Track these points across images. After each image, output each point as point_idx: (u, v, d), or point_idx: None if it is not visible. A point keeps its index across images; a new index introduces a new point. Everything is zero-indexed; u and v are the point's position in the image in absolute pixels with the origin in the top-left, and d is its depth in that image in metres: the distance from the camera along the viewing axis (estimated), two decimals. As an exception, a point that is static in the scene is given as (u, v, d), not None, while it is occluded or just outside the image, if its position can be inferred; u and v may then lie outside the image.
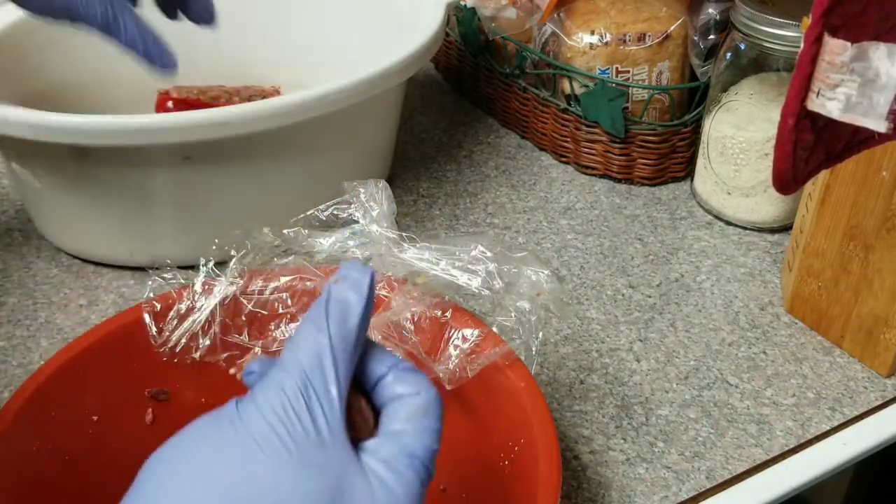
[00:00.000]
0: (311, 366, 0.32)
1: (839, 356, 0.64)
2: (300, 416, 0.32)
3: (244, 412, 0.32)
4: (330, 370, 0.33)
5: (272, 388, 0.32)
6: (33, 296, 0.67)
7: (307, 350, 0.33)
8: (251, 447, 0.31)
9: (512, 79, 0.86)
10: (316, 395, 0.32)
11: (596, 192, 0.82)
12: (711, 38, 0.79)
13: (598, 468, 0.55)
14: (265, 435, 0.31)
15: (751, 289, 0.70)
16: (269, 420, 0.31)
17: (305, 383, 0.32)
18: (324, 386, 0.32)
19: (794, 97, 0.32)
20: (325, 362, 0.33)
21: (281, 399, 0.32)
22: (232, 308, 0.52)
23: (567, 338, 0.65)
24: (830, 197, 0.61)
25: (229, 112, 0.62)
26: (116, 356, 0.50)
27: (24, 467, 0.45)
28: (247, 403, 0.32)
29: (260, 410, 0.32)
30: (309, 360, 0.33)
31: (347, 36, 0.85)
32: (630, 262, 0.73)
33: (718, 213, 0.78)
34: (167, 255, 0.59)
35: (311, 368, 0.32)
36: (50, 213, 0.70)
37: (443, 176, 0.83)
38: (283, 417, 0.31)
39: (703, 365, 0.63)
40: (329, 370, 0.33)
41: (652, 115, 0.80)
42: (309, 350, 0.33)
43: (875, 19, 0.32)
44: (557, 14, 0.80)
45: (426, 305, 0.50)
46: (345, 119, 0.68)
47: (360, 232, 0.52)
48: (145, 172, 0.64)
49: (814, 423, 0.59)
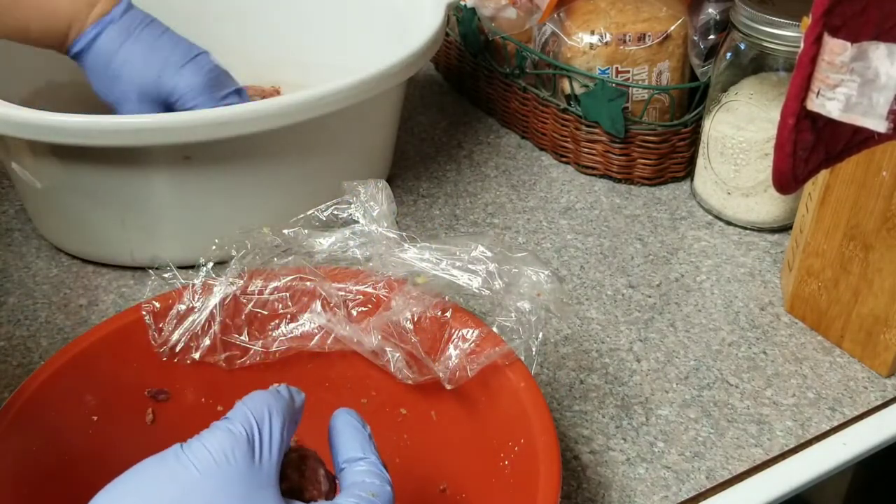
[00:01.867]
0: (261, 416, 0.38)
1: (839, 356, 0.64)
2: (243, 455, 0.36)
3: (189, 446, 0.36)
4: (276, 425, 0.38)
5: (219, 430, 0.37)
6: (33, 296, 0.67)
7: (258, 405, 0.38)
8: (193, 475, 0.35)
9: (512, 79, 0.86)
10: (260, 441, 0.37)
11: (596, 192, 0.82)
12: (711, 38, 0.79)
13: (598, 468, 0.55)
14: (209, 465, 0.35)
15: (751, 289, 0.70)
16: (213, 453, 0.36)
17: (251, 427, 0.37)
18: (269, 435, 0.38)
19: (794, 97, 0.32)
20: (273, 418, 0.38)
21: (227, 437, 0.36)
22: (232, 308, 0.52)
23: (567, 338, 0.65)
24: (830, 197, 0.61)
25: (229, 112, 0.62)
26: (116, 356, 0.50)
27: (24, 467, 0.45)
28: (192, 441, 0.37)
29: (204, 444, 0.36)
30: (258, 412, 0.38)
31: (347, 36, 0.85)
32: (630, 262, 0.73)
33: (718, 213, 0.78)
34: (167, 255, 0.59)
35: (261, 418, 0.38)
36: (50, 213, 0.70)
37: (443, 176, 0.83)
38: (228, 453, 0.36)
39: (703, 365, 0.63)
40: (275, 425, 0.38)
41: (652, 115, 0.80)
42: (259, 405, 0.38)
43: (875, 19, 0.32)
44: (557, 14, 0.80)
45: (426, 305, 0.50)
46: (345, 119, 0.68)
47: (360, 232, 0.52)
48: (145, 172, 0.64)
49: (814, 423, 0.59)
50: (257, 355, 0.52)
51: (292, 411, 0.40)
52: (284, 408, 0.39)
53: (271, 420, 0.38)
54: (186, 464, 0.35)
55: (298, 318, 0.52)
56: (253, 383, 0.52)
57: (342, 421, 0.42)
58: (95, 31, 0.64)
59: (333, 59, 0.83)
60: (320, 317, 0.52)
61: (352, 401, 0.53)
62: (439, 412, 0.51)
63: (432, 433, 0.52)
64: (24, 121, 0.60)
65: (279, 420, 0.38)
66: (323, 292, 0.52)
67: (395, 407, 0.53)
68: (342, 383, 0.53)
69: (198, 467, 0.35)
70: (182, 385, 0.52)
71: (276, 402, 0.39)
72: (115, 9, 0.65)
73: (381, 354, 0.49)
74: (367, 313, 0.52)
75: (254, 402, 0.39)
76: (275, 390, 0.40)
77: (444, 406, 0.51)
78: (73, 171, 0.64)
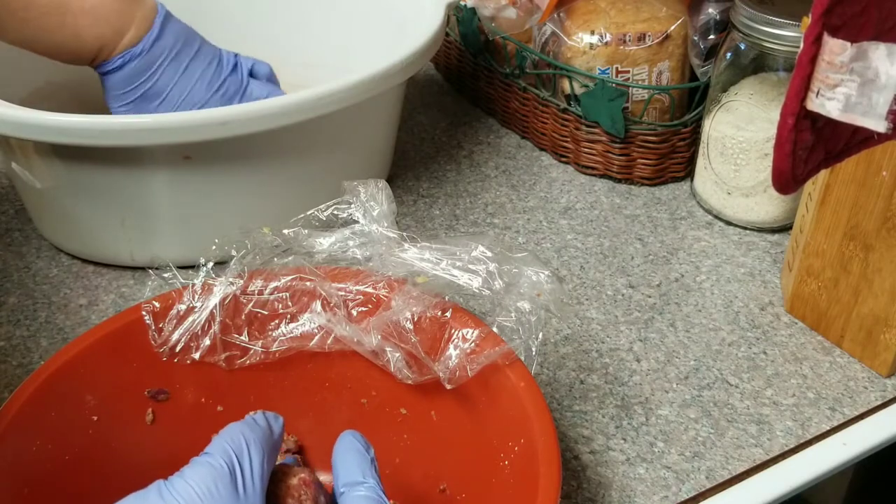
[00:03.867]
0: (239, 448, 0.38)
1: (839, 356, 0.64)
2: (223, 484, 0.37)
3: (171, 484, 0.37)
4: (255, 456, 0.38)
5: (199, 464, 0.37)
6: (33, 296, 0.67)
7: (235, 437, 0.39)
8: None
9: (512, 79, 0.86)
10: (240, 469, 0.37)
11: (596, 192, 0.82)
12: (711, 38, 0.79)
13: (598, 468, 0.55)
14: (189, 497, 0.36)
15: (751, 289, 0.70)
16: (194, 487, 0.36)
17: (231, 459, 0.38)
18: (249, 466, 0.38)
19: (793, 97, 0.32)
20: (252, 449, 0.39)
21: (208, 471, 0.37)
22: (232, 308, 0.52)
23: (567, 338, 0.65)
24: (830, 197, 0.61)
25: (229, 112, 0.62)
26: (116, 356, 0.50)
27: (24, 467, 0.45)
28: (174, 477, 0.37)
29: (186, 480, 0.36)
30: (235, 444, 0.38)
31: (347, 36, 0.85)
32: (630, 262, 0.73)
33: (718, 213, 0.78)
34: (167, 255, 0.59)
35: (239, 450, 0.38)
36: (50, 213, 0.70)
37: (443, 176, 0.83)
38: (211, 488, 0.36)
39: (703, 365, 0.63)
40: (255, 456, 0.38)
41: (652, 115, 0.80)
42: (237, 437, 0.39)
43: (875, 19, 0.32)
44: (557, 14, 0.80)
45: (426, 305, 0.50)
46: (345, 119, 0.68)
47: (360, 232, 0.52)
48: (145, 172, 0.64)
49: (814, 423, 0.59)
50: (257, 355, 0.52)
51: (271, 440, 0.40)
52: (262, 437, 0.40)
53: (250, 450, 0.38)
54: (170, 500, 0.36)
55: (298, 318, 0.52)
56: (253, 383, 0.53)
57: (346, 444, 0.43)
58: (121, 62, 0.65)
59: (333, 59, 0.83)
60: (320, 317, 0.52)
61: (352, 401, 0.53)
62: (439, 412, 0.51)
63: (432, 433, 0.52)
64: (24, 121, 0.60)
65: (258, 450, 0.39)
66: (323, 292, 0.52)
67: (395, 407, 0.53)
68: (342, 383, 0.53)
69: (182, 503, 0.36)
70: (182, 385, 0.52)
71: (252, 433, 0.39)
72: (144, 39, 0.65)
73: (381, 354, 0.49)
74: (367, 313, 0.52)
75: (230, 434, 0.39)
76: (251, 420, 0.41)
77: (444, 406, 0.51)
78: (73, 171, 0.64)
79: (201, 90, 0.67)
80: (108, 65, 0.65)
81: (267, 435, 0.40)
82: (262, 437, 0.40)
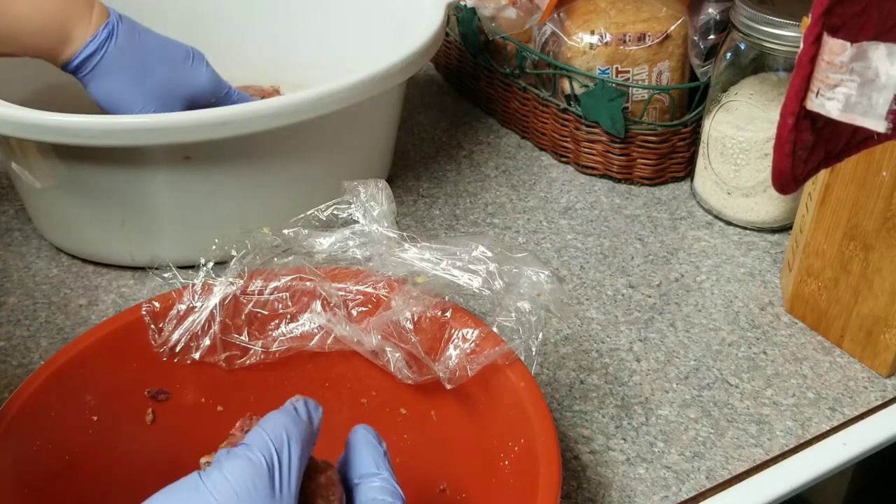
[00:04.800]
0: (280, 443, 0.37)
1: (839, 356, 0.64)
2: (263, 484, 0.36)
3: (209, 476, 0.36)
4: (294, 450, 0.38)
5: (239, 458, 0.36)
6: (33, 296, 0.67)
7: (277, 431, 0.38)
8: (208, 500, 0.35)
9: (512, 79, 0.86)
10: (279, 468, 0.37)
11: (596, 192, 0.82)
12: (711, 38, 0.79)
13: (598, 468, 0.55)
14: (226, 494, 0.35)
15: (751, 289, 0.70)
16: (233, 484, 0.35)
17: (271, 455, 0.37)
18: (287, 461, 0.37)
19: (793, 97, 0.32)
20: (291, 442, 0.38)
21: (247, 466, 0.36)
22: (232, 308, 0.52)
23: (567, 338, 0.65)
24: (830, 197, 0.61)
25: (229, 112, 0.62)
26: (116, 356, 0.50)
27: (24, 467, 0.45)
28: (212, 471, 0.36)
29: (225, 476, 0.36)
30: (277, 439, 0.37)
31: (347, 36, 0.85)
32: (630, 262, 0.73)
33: (718, 213, 0.78)
34: (167, 255, 0.59)
35: (280, 445, 0.37)
36: (50, 213, 0.70)
37: (443, 176, 0.83)
38: (248, 483, 0.36)
39: (703, 365, 0.63)
40: (294, 450, 0.38)
41: (652, 115, 0.80)
42: (279, 431, 0.38)
43: (875, 19, 0.32)
44: (557, 14, 0.80)
45: (426, 305, 0.50)
46: (345, 119, 0.68)
47: (360, 232, 0.52)
48: (145, 172, 0.64)
49: (814, 423, 0.59)
50: (257, 355, 0.52)
51: (310, 433, 0.39)
52: (303, 430, 0.39)
53: (290, 446, 0.38)
54: (205, 494, 0.35)
55: (298, 318, 0.52)
56: (253, 383, 0.53)
57: (360, 437, 0.42)
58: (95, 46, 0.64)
59: (333, 59, 0.83)
60: (320, 317, 0.52)
61: (352, 401, 0.53)
62: (439, 412, 0.51)
63: (432, 433, 0.52)
64: (24, 121, 0.60)
65: (298, 445, 0.38)
66: (323, 292, 0.52)
67: (395, 407, 0.53)
68: (342, 383, 0.53)
69: (217, 498, 0.35)
70: (182, 385, 0.52)
71: (294, 426, 0.38)
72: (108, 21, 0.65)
73: (381, 354, 0.49)
74: (367, 313, 0.52)
75: (272, 426, 0.38)
76: (292, 410, 0.40)
77: (444, 406, 0.51)
78: (73, 171, 0.64)
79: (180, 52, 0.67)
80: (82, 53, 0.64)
81: (307, 428, 0.39)
82: (302, 431, 0.39)
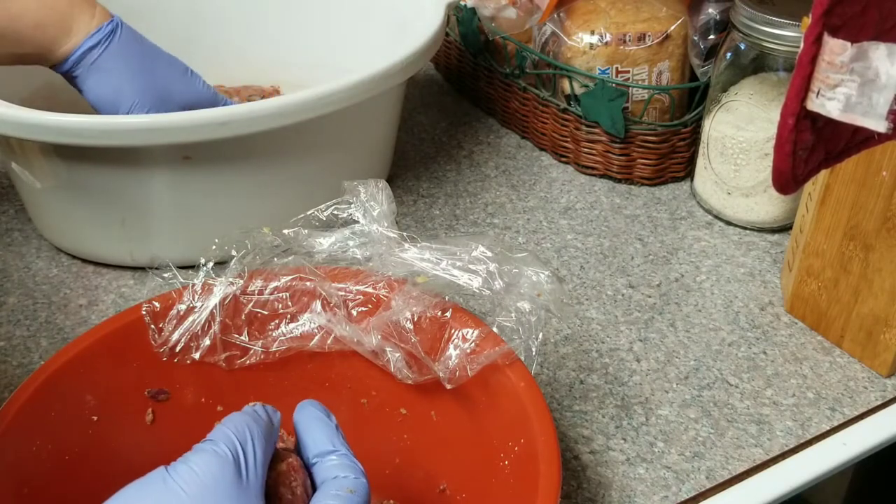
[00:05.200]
0: (243, 438, 0.38)
1: (839, 356, 0.64)
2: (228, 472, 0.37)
3: (175, 470, 0.36)
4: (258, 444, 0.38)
5: (204, 451, 0.37)
6: (33, 296, 0.67)
7: (239, 426, 0.39)
8: (178, 493, 0.35)
9: (512, 79, 0.86)
10: (244, 457, 0.38)
11: (596, 192, 0.82)
12: (711, 38, 0.79)
13: (598, 468, 0.55)
14: (194, 484, 0.35)
15: (751, 289, 0.70)
16: (199, 474, 0.36)
17: (236, 448, 0.38)
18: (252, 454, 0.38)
19: (793, 97, 0.32)
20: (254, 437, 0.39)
21: (213, 458, 0.37)
22: (232, 308, 0.52)
23: (567, 338, 0.65)
24: (830, 197, 0.61)
25: (229, 112, 0.62)
26: (116, 356, 0.50)
27: (24, 467, 0.45)
28: (177, 463, 0.37)
29: (191, 467, 0.36)
30: (240, 434, 0.38)
31: (347, 36, 0.85)
32: (630, 262, 0.73)
33: (718, 213, 0.78)
34: (167, 255, 0.59)
35: (243, 439, 0.38)
36: (50, 213, 0.70)
37: (443, 176, 0.83)
38: (214, 472, 0.36)
39: (703, 365, 0.63)
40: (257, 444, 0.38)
41: (652, 115, 0.80)
42: (241, 426, 0.39)
43: (875, 19, 0.32)
44: (557, 14, 0.80)
45: (426, 305, 0.50)
46: (345, 119, 0.68)
47: (360, 232, 0.52)
48: (145, 172, 0.64)
49: (814, 423, 0.59)
50: (257, 355, 0.52)
51: (270, 430, 0.40)
52: (263, 427, 0.40)
53: (254, 440, 0.38)
54: (174, 487, 0.35)
55: (298, 318, 0.52)
56: (253, 383, 0.53)
57: (307, 415, 0.42)
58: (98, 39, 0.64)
59: (333, 59, 0.83)
60: (320, 317, 0.52)
61: (352, 401, 0.53)
62: (439, 412, 0.51)
63: (432, 433, 0.52)
64: (24, 121, 0.60)
65: (261, 439, 0.39)
66: (323, 292, 0.52)
67: (395, 407, 0.53)
68: (342, 383, 0.53)
69: (186, 490, 0.35)
70: (182, 385, 0.52)
71: (255, 423, 0.39)
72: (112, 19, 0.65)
73: (381, 354, 0.49)
74: (367, 313, 0.52)
75: (234, 423, 0.39)
76: (252, 411, 0.41)
77: (444, 406, 0.51)
78: (73, 171, 0.64)
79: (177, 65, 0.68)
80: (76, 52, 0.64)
81: (267, 425, 0.40)
82: (263, 428, 0.40)
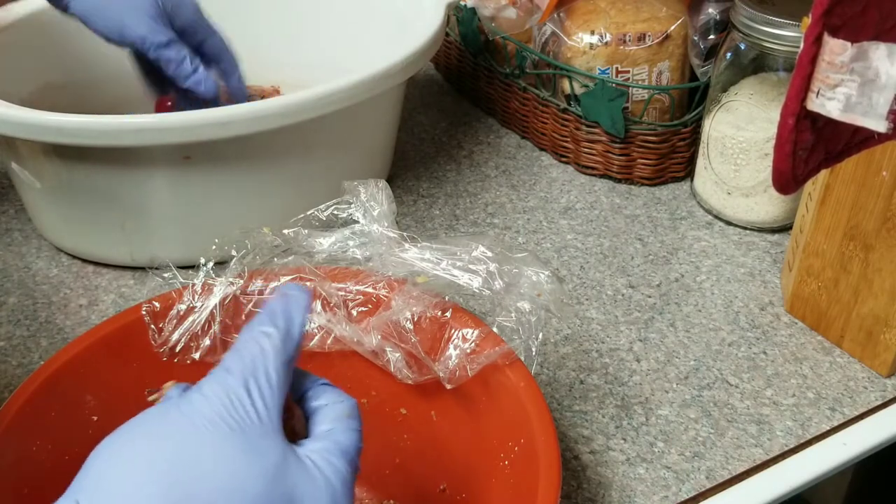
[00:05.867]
0: (255, 365, 0.36)
1: (839, 356, 0.64)
2: (243, 404, 0.34)
3: (190, 398, 0.34)
4: (272, 369, 0.36)
5: (217, 380, 0.35)
6: (33, 296, 0.67)
7: (252, 351, 0.36)
8: (196, 427, 0.33)
9: (512, 79, 0.86)
10: (258, 388, 0.35)
11: (596, 192, 0.82)
12: (711, 38, 0.79)
13: (598, 468, 0.55)
14: (210, 417, 0.34)
15: (751, 289, 0.70)
16: (213, 405, 0.34)
17: (248, 378, 0.35)
18: (266, 381, 0.35)
19: (793, 97, 0.32)
20: (267, 362, 0.36)
21: (225, 388, 0.34)
22: (232, 308, 0.52)
23: (567, 338, 0.65)
24: (830, 197, 0.61)
25: (229, 112, 0.62)
26: (116, 356, 0.50)
27: (24, 467, 0.45)
28: (192, 392, 0.35)
29: (205, 396, 0.34)
30: (252, 360, 0.36)
31: (347, 36, 0.85)
32: (630, 262, 0.73)
33: (718, 213, 0.78)
34: (167, 255, 0.59)
35: (255, 367, 0.35)
36: (50, 213, 0.70)
37: (443, 176, 0.83)
38: (227, 404, 0.34)
39: (703, 365, 0.63)
40: (271, 369, 0.36)
41: (652, 115, 0.80)
42: (254, 351, 0.36)
43: (875, 19, 0.32)
44: (557, 14, 0.80)
45: (426, 305, 0.50)
46: (345, 119, 0.68)
47: (360, 232, 0.52)
48: (145, 172, 0.64)
49: (814, 423, 0.59)
50: (257, 355, 0.52)
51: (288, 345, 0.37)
52: (279, 345, 0.36)
53: (266, 363, 0.36)
54: (189, 414, 0.34)
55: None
56: (253, 383, 0.53)
57: None
58: None
59: (333, 59, 0.83)
60: (320, 317, 0.52)
61: (352, 401, 0.53)
62: (439, 412, 0.51)
63: (432, 433, 0.52)
64: (24, 121, 0.60)
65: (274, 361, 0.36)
66: (323, 292, 0.52)
67: (395, 407, 0.53)
68: (342, 383, 0.53)
69: (197, 420, 0.34)
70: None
71: (269, 342, 0.36)
72: None
73: (381, 354, 0.49)
74: (367, 313, 0.52)
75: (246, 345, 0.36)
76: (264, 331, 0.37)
77: (444, 406, 0.51)
78: (73, 171, 0.64)
79: None
80: None
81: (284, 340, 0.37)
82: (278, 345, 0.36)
